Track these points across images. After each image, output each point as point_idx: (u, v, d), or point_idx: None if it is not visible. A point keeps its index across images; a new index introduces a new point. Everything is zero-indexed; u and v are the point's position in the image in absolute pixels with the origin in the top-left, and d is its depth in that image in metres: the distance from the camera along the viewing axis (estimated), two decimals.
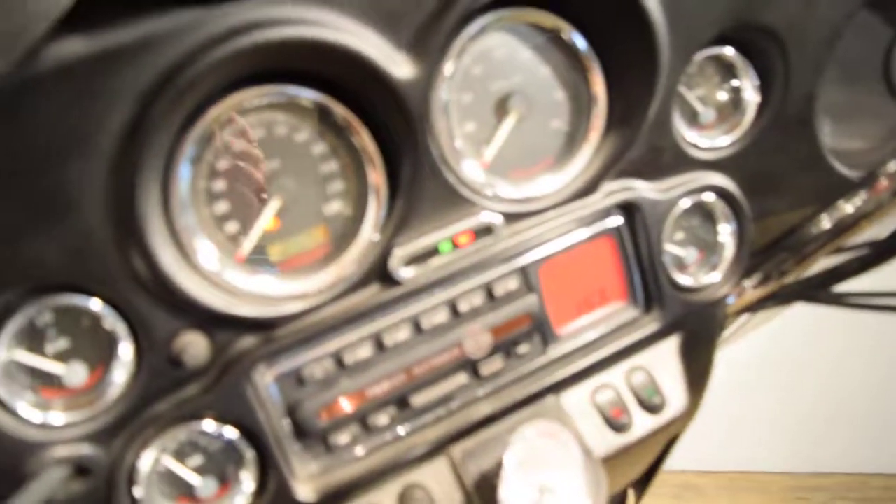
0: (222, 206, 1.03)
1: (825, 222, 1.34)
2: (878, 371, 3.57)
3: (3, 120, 0.81)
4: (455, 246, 1.12)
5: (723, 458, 3.52)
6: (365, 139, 1.05)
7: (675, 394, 1.30)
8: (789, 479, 3.65)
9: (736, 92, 1.28)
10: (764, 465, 3.64)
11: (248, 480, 1.12)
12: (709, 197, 1.29)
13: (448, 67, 1.08)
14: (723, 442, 3.39)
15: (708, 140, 1.27)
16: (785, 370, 3.47)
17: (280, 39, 0.89)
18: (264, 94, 1.00)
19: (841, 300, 1.36)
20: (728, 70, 1.27)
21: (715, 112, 1.28)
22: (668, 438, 1.37)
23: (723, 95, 1.29)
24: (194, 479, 1.10)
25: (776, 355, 3.34)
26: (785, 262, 1.38)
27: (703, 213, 1.33)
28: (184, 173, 0.98)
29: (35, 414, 0.98)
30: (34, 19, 0.69)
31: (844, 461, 3.66)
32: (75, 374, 1.00)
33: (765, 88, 1.27)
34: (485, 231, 1.13)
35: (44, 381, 1.00)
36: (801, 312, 1.64)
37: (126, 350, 1.01)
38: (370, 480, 1.16)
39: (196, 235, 1.01)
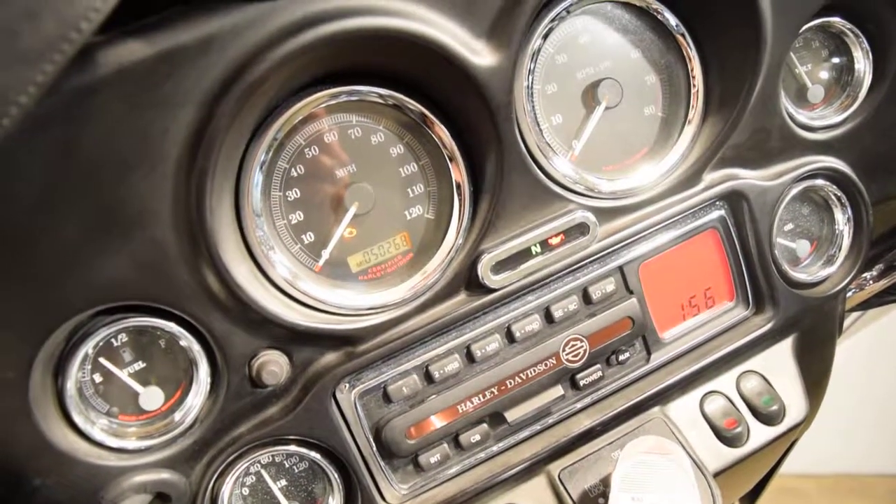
0: (298, 216, 0.94)
1: None
2: None
3: (64, 129, 0.73)
4: (547, 247, 1.00)
5: (825, 460, 3.28)
6: (443, 133, 0.95)
7: (793, 400, 1.15)
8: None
9: (847, 64, 1.13)
10: (868, 466, 3.39)
11: None
12: (820, 182, 1.14)
13: (530, 55, 0.97)
14: (825, 443, 3.15)
15: (817, 119, 1.13)
16: (889, 368, 3.21)
17: (351, 30, 0.79)
18: (336, 95, 0.91)
19: None
20: (836, 41, 1.13)
21: (823, 88, 1.13)
22: (784, 448, 1.22)
23: (831, 69, 1.14)
24: (282, 499, 1.01)
25: (879, 352, 3.09)
26: None
27: (814, 200, 1.18)
28: (256, 181, 0.90)
29: (112, 440, 0.91)
30: (83, 14, 0.61)
31: None
32: (152, 397, 0.92)
33: (879, 58, 1.11)
34: (578, 230, 1.01)
35: (120, 407, 0.93)
36: None
37: (203, 372, 0.92)
38: (463, 502, 1.05)
39: (271, 248, 0.92)
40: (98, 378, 0.91)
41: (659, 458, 0.97)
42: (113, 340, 0.90)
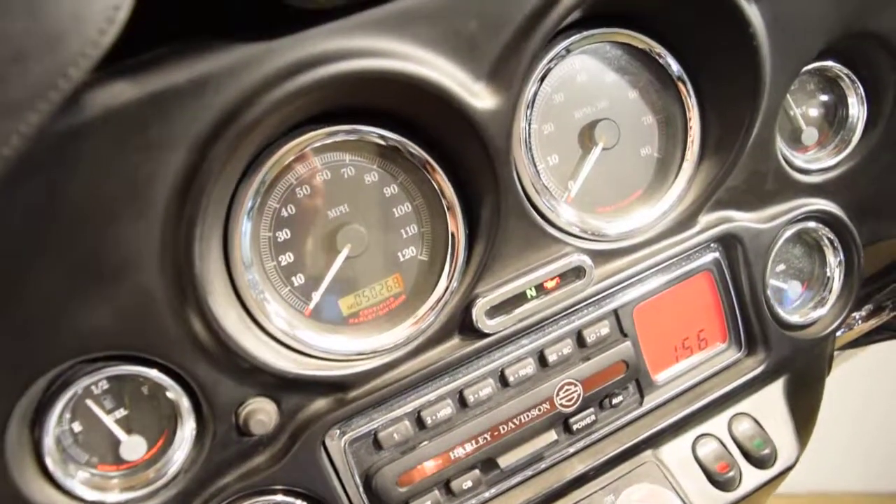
0: (288, 257, 0.89)
1: None
2: None
3: (48, 174, 0.68)
4: (542, 290, 0.96)
5: (800, 478, 3.27)
6: (442, 179, 0.91)
7: (785, 443, 1.13)
8: (870, 500, 3.38)
9: (841, 108, 1.11)
10: (844, 484, 3.38)
11: None
12: (812, 224, 1.12)
13: (529, 97, 0.94)
14: (800, 461, 3.12)
15: (811, 162, 1.11)
16: (863, 385, 3.22)
17: (351, 72, 0.75)
18: (333, 133, 0.87)
19: None
20: (830, 85, 1.11)
21: (817, 131, 1.11)
22: (775, 490, 1.19)
23: (825, 113, 1.12)
24: None
25: (853, 370, 3.10)
26: None
27: (806, 241, 1.16)
28: (245, 228, 0.85)
29: (92, 493, 0.85)
30: (72, 60, 0.56)
31: None
32: (134, 446, 0.87)
33: (873, 102, 1.10)
34: (574, 273, 0.97)
35: (100, 457, 0.87)
36: None
37: (188, 420, 0.87)
38: None
39: (261, 292, 0.87)
40: (77, 427, 0.85)
41: None
42: (93, 388, 0.85)
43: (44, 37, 0.56)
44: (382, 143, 0.89)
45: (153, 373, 0.84)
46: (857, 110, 1.10)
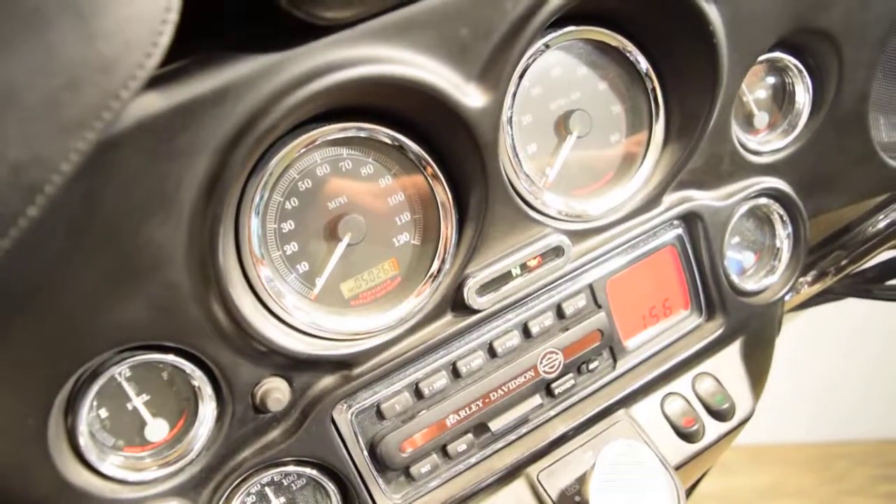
0: (293, 247, 0.96)
1: (881, 219, 1.29)
2: None
3: (86, 184, 0.74)
4: (526, 269, 1.06)
5: (746, 430, 3.43)
6: (434, 171, 0.99)
7: (742, 397, 1.25)
8: (811, 449, 3.57)
9: (788, 94, 1.22)
10: (786, 435, 3.55)
11: None
12: (764, 200, 1.23)
13: (511, 93, 1.02)
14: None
15: (763, 144, 1.21)
16: (804, 339, 3.39)
17: (359, 78, 0.82)
18: (344, 130, 0.94)
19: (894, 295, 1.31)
20: (779, 73, 1.21)
21: (768, 115, 1.21)
22: (733, 440, 1.32)
23: (775, 99, 1.23)
24: None
25: (794, 325, 3.27)
26: (840, 259, 1.33)
27: (758, 215, 1.27)
28: (254, 219, 0.92)
29: (122, 473, 0.92)
30: (123, 83, 0.62)
31: (865, 428, 3.58)
32: (158, 428, 0.94)
33: (818, 89, 1.20)
34: (554, 252, 1.07)
35: (126, 440, 0.94)
36: None
37: (209, 401, 0.94)
38: None
39: (270, 280, 0.94)
40: (104, 413, 0.92)
41: (631, 460, 1.05)
42: (117, 376, 0.91)
43: (98, 63, 0.61)
44: (388, 141, 0.96)
45: (177, 359, 0.90)
46: (803, 97, 1.20)
